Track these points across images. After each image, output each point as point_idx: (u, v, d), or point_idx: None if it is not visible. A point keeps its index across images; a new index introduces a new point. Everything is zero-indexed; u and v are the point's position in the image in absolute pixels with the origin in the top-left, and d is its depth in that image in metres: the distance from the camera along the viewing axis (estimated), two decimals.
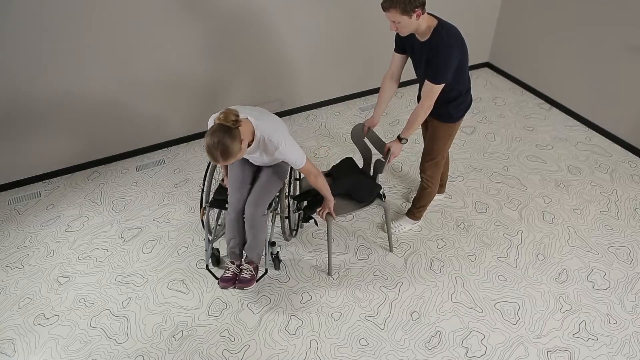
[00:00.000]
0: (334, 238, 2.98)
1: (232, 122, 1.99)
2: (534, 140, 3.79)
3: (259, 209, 2.42)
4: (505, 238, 2.95)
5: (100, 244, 2.99)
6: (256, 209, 2.41)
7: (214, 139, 1.96)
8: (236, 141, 1.99)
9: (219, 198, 2.68)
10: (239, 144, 2.01)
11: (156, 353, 2.38)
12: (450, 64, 2.18)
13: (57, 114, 3.28)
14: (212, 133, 1.97)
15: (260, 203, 2.42)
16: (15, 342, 2.44)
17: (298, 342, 2.41)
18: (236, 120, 2.01)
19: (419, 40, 2.24)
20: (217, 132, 1.97)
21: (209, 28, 3.39)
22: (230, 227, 2.49)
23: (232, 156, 2.00)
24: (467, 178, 3.42)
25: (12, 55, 2.93)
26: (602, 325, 2.46)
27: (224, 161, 2.01)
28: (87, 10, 2.97)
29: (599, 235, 2.96)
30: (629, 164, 3.51)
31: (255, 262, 2.51)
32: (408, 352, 2.36)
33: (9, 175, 3.40)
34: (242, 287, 2.47)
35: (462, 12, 4.27)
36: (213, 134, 1.97)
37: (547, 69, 4.15)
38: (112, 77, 3.29)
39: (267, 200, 2.44)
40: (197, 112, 3.77)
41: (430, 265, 2.79)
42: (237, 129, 2.01)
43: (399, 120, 4.05)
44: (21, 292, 2.69)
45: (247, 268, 2.50)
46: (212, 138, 1.97)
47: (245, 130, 2.09)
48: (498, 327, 2.46)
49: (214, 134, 1.97)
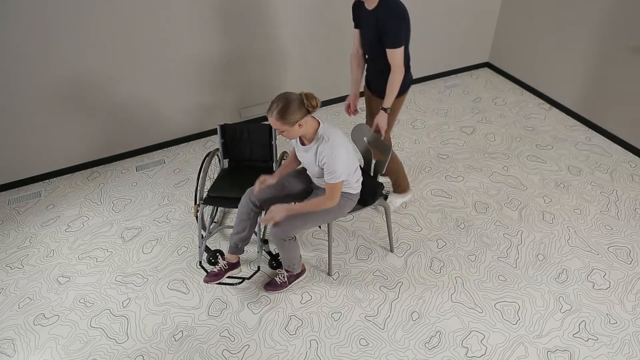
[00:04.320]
0: (334, 238, 2.98)
1: (309, 104, 2.06)
2: (534, 140, 3.79)
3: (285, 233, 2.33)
4: (505, 238, 2.95)
5: (100, 244, 2.99)
6: (282, 233, 2.32)
7: (285, 94, 2.05)
8: (297, 113, 2.04)
9: (213, 195, 2.69)
10: (297, 117, 2.05)
11: (156, 353, 2.38)
12: (402, 30, 2.41)
13: (57, 114, 3.28)
14: (289, 93, 2.07)
15: (289, 229, 2.31)
16: (15, 342, 2.44)
17: (298, 342, 2.41)
18: (312, 106, 2.07)
19: (367, 9, 2.46)
20: (293, 95, 2.06)
21: (209, 29, 3.39)
22: (238, 219, 2.49)
23: (283, 117, 2.02)
24: (467, 178, 3.42)
25: (12, 54, 2.94)
26: (602, 325, 2.46)
27: (275, 116, 2.03)
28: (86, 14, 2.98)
29: (599, 235, 2.96)
30: (629, 164, 3.51)
31: (290, 271, 2.59)
32: (408, 352, 2.36)
33: (9, 175, 3.40)
34: (270, 290, 2.63)
35: (462, 12, 4.27)
36: (289, 93, 2.06)
37: (547, 69, 4.15)
38: (111, 77, 3.30)
39: (298, 229, 2.34)
40: (198, 112, 3.77)
41: (430, 265, 2.79)
42: (307, 110, 2.07)
43: (399, 120, 4.05)
44: (21, 292, 2.69)
45: (281, 274, 2.63)
46: (285, 93, 2.06)
47: (309, 125, 2.15)
48: (498, 327, 2.46)
49: (289, 93, 2.06)
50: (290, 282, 2.65)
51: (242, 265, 2.80)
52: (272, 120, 2.06)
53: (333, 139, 2.15)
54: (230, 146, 2.89)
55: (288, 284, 2.64)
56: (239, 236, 2.50)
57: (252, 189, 2.45)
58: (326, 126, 2.21)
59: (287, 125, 2.05)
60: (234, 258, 2.53)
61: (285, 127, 2.06)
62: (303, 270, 2.69)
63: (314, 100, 2.07)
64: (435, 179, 3.42)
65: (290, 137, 2.13)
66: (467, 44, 4.55)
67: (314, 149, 2.20)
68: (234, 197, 2.67)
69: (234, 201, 2.65)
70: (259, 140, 2.86)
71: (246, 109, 3.93)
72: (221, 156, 2.91)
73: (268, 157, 2.91)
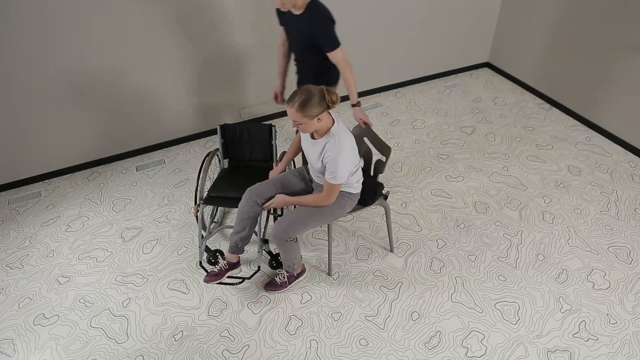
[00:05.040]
0: (334, 238, 2.98)
1: (329, 99, 2.08)
2: (534, 140, 3.79)
3: (286, 234, 2.33)
4: (505, 238, 2.95)
5: (100, 244, 2.99)
6: (283, 233, 2.33)
7: (308, 87, 2.06)
8: (318, 107, 2.07)
9: (213, 195, 2.69)
10: (317, 111, 2.07)
11: (156, 353, 2.38)
12: (332, 30, 2.49)
13: (57, 114, 3.28)
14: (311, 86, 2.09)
15: (290, 230, 2.33)
16: (15, 342, 2.44)
17: (298, 342, 2.41)
18: (332, 101, 2.10)
19: (294, 13, 2.52)
20: (315, 89, 2.08)
21: (209, 29, 3.39)
22: (238, 218, 2.48)
23: (304, 110, 2.04)
24: (467, 178, 3.42)
25: (11, 54, 2.93)
26: (602, 325, 2.46)
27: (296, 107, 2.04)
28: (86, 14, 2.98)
29: (599, 235, 2.96)
30: (629, 164, 3.51)
31: (290, 271, 2.59)
32: (408, 352, 2.35)
33: (9, 175, 3.40)
34: (270, 290, 2.63)
35: (462, 12, 4.27)
36: (311, 86, 2.08)
37: (547, 69, 4.15)
38: (111, 77, 3.30)
39: (299, 229, 2.35)
40: (198, 112, 3.77)
41: (430, 265, 2.79)
42: (327, 105, 2.10)
43: (399, 120, 4.05)
44: (21, 292, 2.69)
45: (281, 274, 2.63)
46: (308, 86, 2.08)
47: (325, 121, 2.17)
48: (498, 327, 2.46)
49: (311, 86, 2.08)
50: (290, 282, 2.65)
51: (242, 265, 2.80)
52: (292, 111, 2.07)
53: (343, 142, 2.17)
54: (230, 146, 2.89)
55: (288, 284, 2.64)
56: (239, 236, 2.50)
57: (253, 188, 2.46)
58: (340, 126, 2.22)
59: (307, 118, 2.07)
60: (234, 258, 2.53)
61: (304, 119, 2.08)
62: (303, 271, 2.69)
63: (334, 96, 2.10)
64: (435, 179, 3.42)
65: (305, 130, 2.14)
66: (467, 44, 4.55)
67: (322, 144, 2.21)
68: (234, 197, 2.67)
69: (234, 201, 2.65)
70: (259, 140, 2.86)
71: (246, 109, 3.93)
72: (221, 156, 2.91)
73: (268, 157, 2.91)
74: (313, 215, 2.35)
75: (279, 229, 2.33)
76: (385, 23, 4.00)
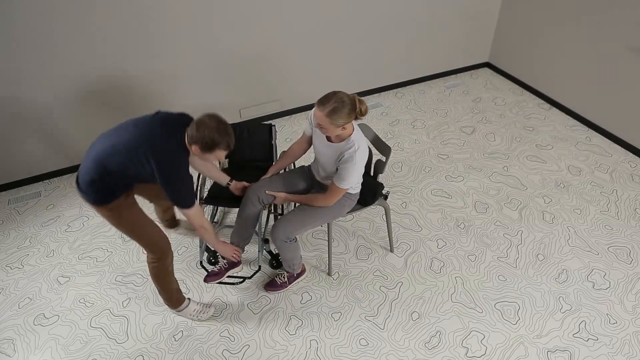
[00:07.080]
0: (334, 238, 2.98)
1: (359, 111, 2.08)
2: (534, 140, 3.79)
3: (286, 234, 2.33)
4: (505, 238, 2.95)
5: (100, 244, 2.99)
6: (283, 234, 2.33)
7: (341, 95, 2.04)
8: (346, 117, 2.05)
9: (213, 195, 2.69)
10: (345, 120, 2.06)
11: (156, 353, 2.38)
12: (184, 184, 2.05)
13: (56, 114, 3.28)
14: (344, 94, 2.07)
15: (289, 230, 2.33)
16: (15, 342, 2.44)
17: (298, 342, 2.41)
18: (361, 113, 2.09)
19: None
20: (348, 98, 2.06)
21: (209, 30, 3.39)
22: (239, 218, 2.49)
23: (332, 117, 2.02)
24: (467, 178, 3.42)
25: (12, 54, 2.94)
26: (602, 325, 2.46)
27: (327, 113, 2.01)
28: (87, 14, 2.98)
29: (599, 235, 2.96)
30: (629, 164, 3.51)
31: (290, 271, 2.59)
32: (408, 352, 2.35)
33: (9, 175, 3.40)
34: (270, 291, 2.63)
35: (462, 11, 4.27)
36: (344, 94, 2.07)
37: (547, 69, 4.15)
38: (110, 78, 3.29)
39: (298, 230, 2.36)
40: (198, 112, 3.77)
41: (430, 265, 2.79)
42: (355, 113, 2.08)
43: (399, 120, 4.05)
44: (21, 292, 2.69)
45: (281, 274, 2.63)
46: (341, 93, 2.06)
47: (348, 129, 2.18)
48: (498, 327, 2.46)
49: (345, 95, 2.06)
50: (291, 283, 2.65)
51: (243, 265, 2.80)
52: (320, 115, 2.05)
53: (361, 151, 2.18)
54: None
55: (288, 284, 2.64)
56: (239, 235, 2.50)
57: (253, 188, 2.46)
58: (359, 134, 2.23)
59: (333, 126, 2.06)
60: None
61: (330, 126, 2.06)
62: (303, 271, 2.69)
63: (364, 107, 2.09)
64: (435, 179, 3.42)
65: (327, 133, 2.14)
66: (467, 44, 4.55)
67: (340, 149, 2.21)
68: (234, 196, 2.67)
69: (234, 201, 2.65)
70: (259, 140, 2.86)
71: (246, 109, 3.93)
72: None
73: (268, 157, 2.91)
74: (312, 215, 2.36)
75: (279, 230, 2.33)
76: (385, 23, 4.00)
